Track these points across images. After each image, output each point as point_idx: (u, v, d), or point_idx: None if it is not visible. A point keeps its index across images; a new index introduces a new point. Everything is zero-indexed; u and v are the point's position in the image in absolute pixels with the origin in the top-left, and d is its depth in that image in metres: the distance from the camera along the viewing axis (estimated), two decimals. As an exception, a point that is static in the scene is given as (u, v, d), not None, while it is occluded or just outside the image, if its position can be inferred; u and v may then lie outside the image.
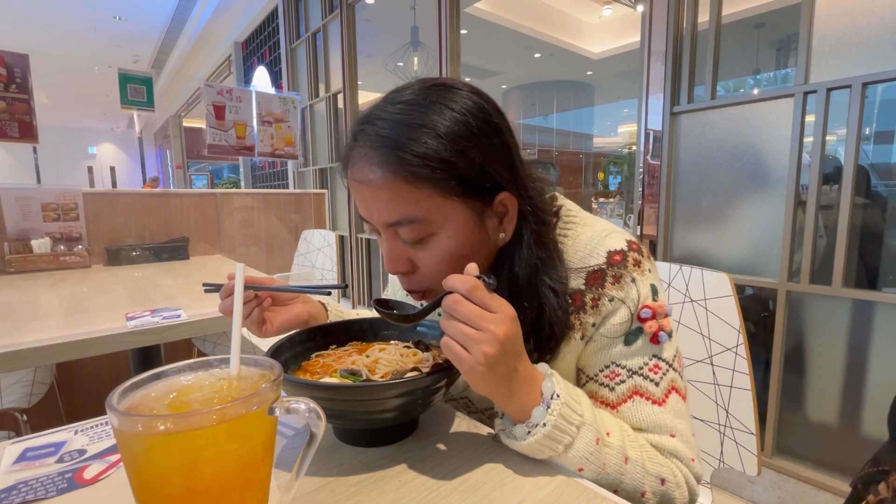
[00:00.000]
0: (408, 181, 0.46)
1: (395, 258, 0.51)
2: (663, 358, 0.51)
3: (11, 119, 1.95)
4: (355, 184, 0.49)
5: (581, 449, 0.43)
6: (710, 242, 1.59)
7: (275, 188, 4.97)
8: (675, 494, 0.47)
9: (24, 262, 1.67)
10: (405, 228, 0.48)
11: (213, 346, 1.78)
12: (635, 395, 0.50)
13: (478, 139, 0.47)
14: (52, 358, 0.84)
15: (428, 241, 0.49)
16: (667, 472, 0.47)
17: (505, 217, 0.51)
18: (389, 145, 0.46)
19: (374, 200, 0.48)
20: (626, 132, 8.19)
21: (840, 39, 1.28)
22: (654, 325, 0.51)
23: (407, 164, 0.45)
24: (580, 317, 0.52)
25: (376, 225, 0.51)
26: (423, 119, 0.46)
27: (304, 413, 0.34)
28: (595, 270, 0.52)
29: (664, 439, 0.49)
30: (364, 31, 3.52)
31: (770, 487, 1.48)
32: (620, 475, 0.45)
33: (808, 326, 1.42)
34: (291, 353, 0.57)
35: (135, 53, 7.24)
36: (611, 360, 0.52)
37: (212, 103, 2.73)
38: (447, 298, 0.42)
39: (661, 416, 0.50)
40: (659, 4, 1.58)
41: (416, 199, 0.46)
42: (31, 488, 0.42)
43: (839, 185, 1.29)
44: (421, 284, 0.53)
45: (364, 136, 0.48)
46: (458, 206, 0.48)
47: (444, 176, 0.46)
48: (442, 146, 0.45)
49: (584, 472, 0.44)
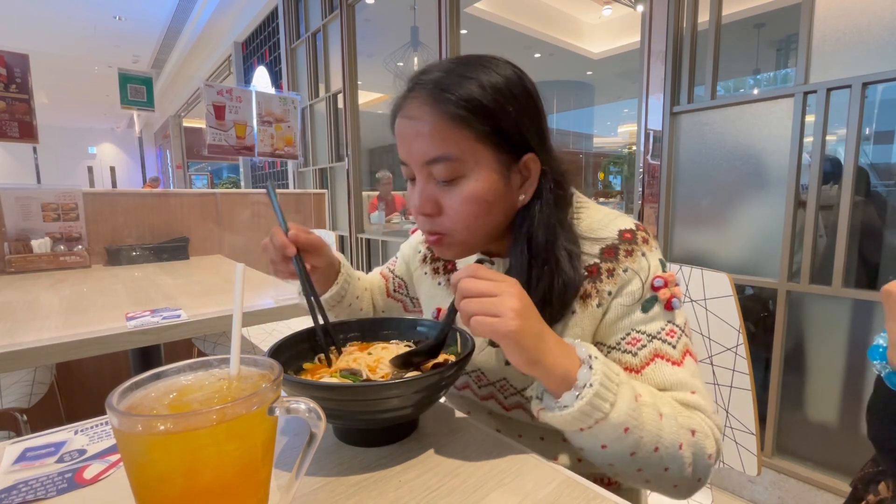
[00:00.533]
0: (450, 120, 0.51)
1: (425, 198, 0.55)
2: (676, 324, 0.54)
3: (11, 119, 1.95)
4: (404, 121, 0.55)
5: (624, 407, 0.44)
6: (710, 242, 1.59)
7: (275, 188, 4.97)
8: (706, 444, 0.48)
9: (24, 262, 1.67)
10: (440, 166, 0.53)
11: (213, 346, 1.78)
12: (656, 357, 0.53)
13: (516, 97, 0.53)
14: (52, 358, 0.84)
15: (458, 182, 0.54)
16: (696, 424, 0.49)
17: (527, 180, 0.56)
18: (438, 87, 0.52)
19: (418, 137, 0.53)
20: (626, 132, 8.19)
21: (840, 39, 1.28)
22: (668, 293, 0.54)
23: (451, 105, 0.51)
24: (597, 285, 0.55)
25: (415, 163, 0.55)
26: (470, 73, 0.52)
27: (304, 413, 0.34)
28: (608, 245, 0.56)
29: (686, 395, 0.51)
30: (364, 31, 3.52)
31: (770, 487, 1.48)
32: (659, 430, 0.46)
33: (808, 326, 1.42)
34: (291, 353, 0.57)
35: (135, 53, 7.24)
36: (631, 328, 0.54)
37: (212, 103, 2.73)
38: (460, 285, 0.45)
39: (680, 374, 0.52)
40: (659, 4, 1.58)
41: (454, 139, 0.52)
42: (31, 488, 0.42)
43: (839, 185, 1.29)
44: (444, 226, 0.56)
45: (418, 83, 0.54)
46: (490, 155, 0.53)
47: (482, 122, 0.51)
48: (483, 94, 0.51)
49: (629, 433, 0.44)
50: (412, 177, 0.57)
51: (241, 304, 0.43)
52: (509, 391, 0.61)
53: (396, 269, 0.81)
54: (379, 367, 0.53)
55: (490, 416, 0.66)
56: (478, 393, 0.65)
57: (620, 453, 0.45)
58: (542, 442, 0.62)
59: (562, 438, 0.61)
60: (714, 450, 0.49)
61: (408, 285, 0.80)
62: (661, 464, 0.46)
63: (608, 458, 0.47)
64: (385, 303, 0.81)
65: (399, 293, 0.80)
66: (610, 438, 0.44)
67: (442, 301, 0.70)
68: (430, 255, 0.74)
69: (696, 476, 0.49)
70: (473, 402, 0.67)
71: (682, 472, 0.47)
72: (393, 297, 0.80)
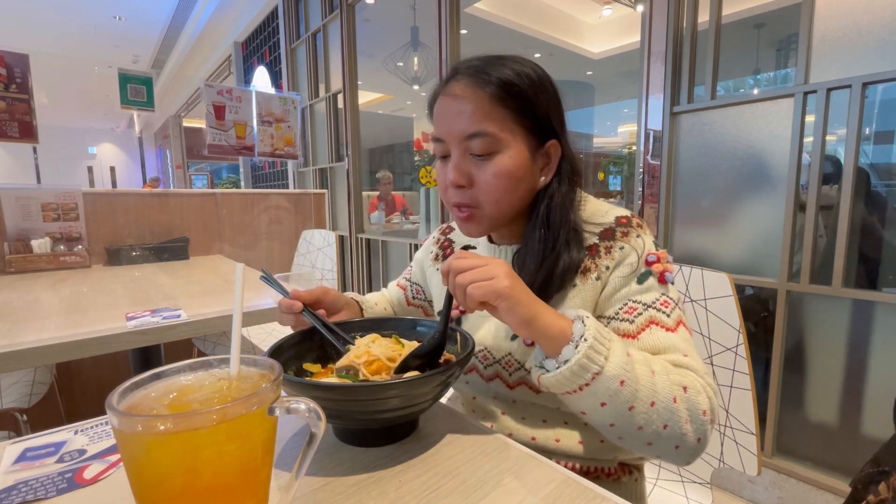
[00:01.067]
0: (491, 100, 0.58)
1: (460, 170, 0.60)
2: (670, 296, 0.58)
3: (11, 119, 1.95)
4: (447, 99, 0.60)
5: (617, 360, 0.47)
6: (710, 242, 1.59)
7: (275, 188, 4.97)
8: (699, 400, 0.50)
9: (24, 262, 1.67)
10: (479, 140, 0.58)
11: (213, 346, 1.78)
12: (651, 324, 0.56)
13: (545, 87, 0.61)
14: (52, 358, 0.84)
15: (492, 157, 0.59)
16: (688, 382, 0.51)
17: (547, 165, 0.63)
18: (481, 71, 0.59)
19: (460, 114, 0.59)
20: (626, 132, 8.19)
21: (840, 39, 1.28)
22: (661, 268, 0.59)
23: (493, 86, 0.58)
24: (595, 261, 0.60)
25: (453, 138, 0.60)
26: (507, 63, 0.60)
27: (304, 413, 0.34)
28: (606, 228, 0.62)
29: (678, 357, 0.54)
30: (364, 31, 3.52)
31: (770, 487, 1.48)
32: (653, 385, 0.48)
33: (808, 326, 1.42)
34: (291, 353, 0.57)
35: (135, 53, 7.24)
36: (627, 298, 0.58)
37: (212, 103, 2.73)
38: (450, 261, 0.51)
39: (674, 339, 0.55)
40: (659, 4, 1.58)
41: (493, 118, 0.58)
42: (31, 488, 0.42)
43: (839, 185, 1.29)
44: (475, 199, 0.61)
45: (461, 69, 0.61)
46: (521, 136, 0.60)
47: (518, 105, 0.58)
48: (520, 80, 0.58)
49: (625, 385, 0.46)
50: (445, 154, 0.62)
51: (241, 304, 0.43)
52: (514, 366, 0.64)
53: (412, 276, 0.85)
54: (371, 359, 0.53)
55: (495, 399, 0.68)
56: (483, 374, 0.67)
57: (619, 409, 0.47)
58: (544, 424, 0.64)
59: (563, 421, 0.63)
60: (708, 406, 0.51)
61: (425, 290, 0.84)
62: (659, 420, 0.48)
63: (609, 417, 0.48)
64: (406, 312, 0.85)
65: (418, 299, 0.84)
66: (608, 393, 0.47)
67: None
68: (441, 254, 0.79)
69: (696, 435, 0.50)
70: (479, 386, 0.69)
71: (680, 429, 0.49)
72: (413, 304, 0.84)
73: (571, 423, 0.63)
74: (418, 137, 3.30)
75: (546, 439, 0.63)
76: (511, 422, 0.66)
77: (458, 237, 0.80)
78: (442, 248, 0.80)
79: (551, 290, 0.59)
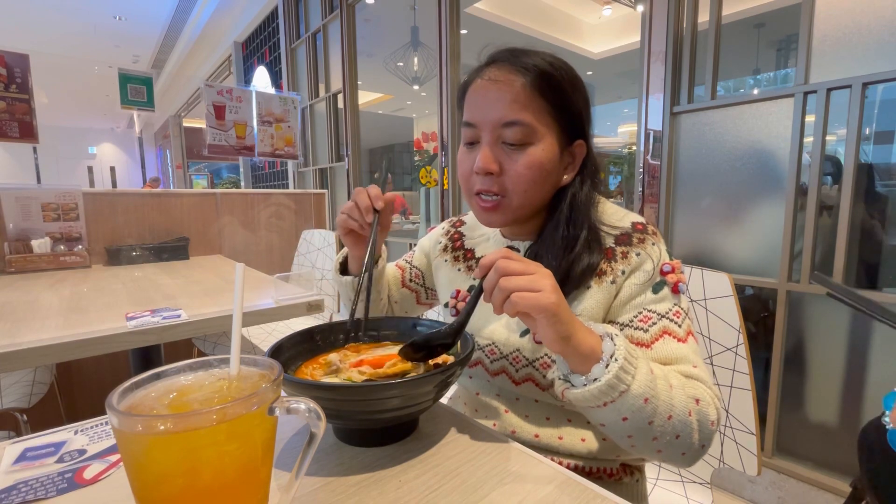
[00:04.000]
0: (531, 88, 0.58)
1: (491, 157, 0.60)
2: (682, 307, 0.59)
3: (11, 119, 1.95)
4: (486, 83, 0.60)
5: (643, 379, 0.47)
6: (710, 242, 1.59)
7: (275, 188, 4.97)
8: (709, 411, 0.51)
9: (24, 262, 1.67)
10: (515, 129, 0.58)
11: (213, 346, 1.78)
12: (665, 334, 0.57)
13: (577, 87, 0.61)
14: (52, 358, 0.84)
15: (525, 148, 0.59)
16: (699, 394, 0.52)
17: (571, 164, 0.64)
18: (522, 62, 0.59)
19: (499, 100, 0.58)
20: (626, 132, 8.18)
21: (840, 39, 1.27)
22: (675, 278, 0.59)
23: (533, 75, 0.58)
24: (611, 265, 0.60)
25: (488, 124, 0.59)
26: (546, 56, 0.60)
27: (304, 413, 0.34)
28: (623, 233, 0.62)
29: (689, 368, 0.55)
30: (364, 31, 3.52)
31: (770, 487, 1.48)
32: (671, 399, 0.49)
33: (808, 326, 1.42)
34: (291, 353, 0.57)
35: (135, 53, 7.24)
36: (643, 307, 0.59)
37: (212, 103, 2.73)
38: (497, 264, 0.48)
39: (684, 350, 0.56)
40: (659, 4, 1.58)
41: (531, 108, 0.58)
42: (31, 488, 0.42)
43: (839, 185, 1.29)
44: (501, 187, 0.60)
45: (499, 56, 0.61)
46: (554, 131, 0.60)
47: (555, 98, 0.59)
48: (558, 73, 0.59)
49: (648, 402, 0.47)
50: (473, 140, 0.62)
51: (241, 304, 0.42)
52: (521, 363, 0.64)
53: (414, 259, 0.85)
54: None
55: (499, 396, 0.68)
56: (489, 368, 0.67)
57: (639, 424, 0.48)
58: (547, 422, 0.64)
59: (567, 419, 0.62)
60: (716, 416, 0.52)
61: (425, 275, 0.84)
62: (673, 431, 0.49)
63: (628, 430, 0.49)
64: (399, 293, 0.85)
65: (414, 283, 0.84)
66: (631, 409, 0.47)
67: (461, 284, 0.74)
68: (450, 246, 0.79)
69: (700, 442, 0.51)
70: (483, 382, 0.69)
71: (690, 438, 0.50)
72: (407, 286, 0.84)
73: (575, 421, 0.63)
74: (418, 137, 3.30)
75: (549, 437, 0.63)
76: (514, 419, 0.65)
77: (468, 231, 0.80)
78: (452, 241, 0.80)
79: (568, 289, 0.59)
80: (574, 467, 0.62)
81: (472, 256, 0.75)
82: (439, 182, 2.59)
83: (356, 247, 0.70)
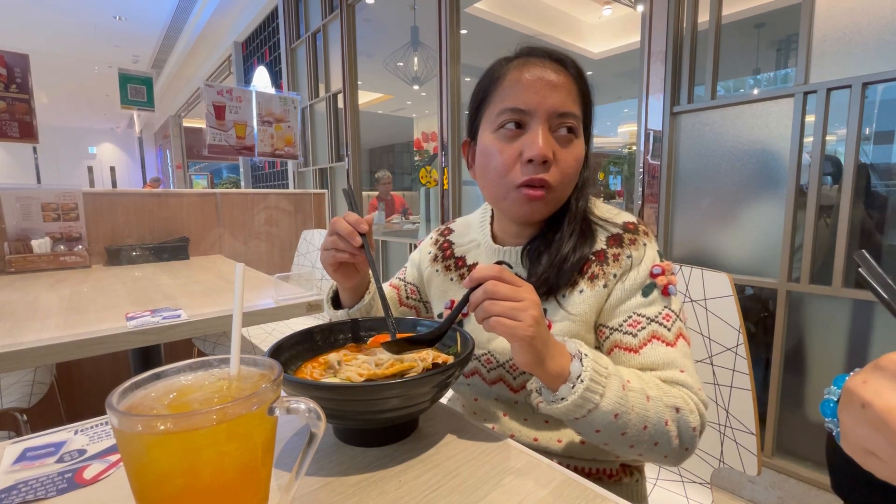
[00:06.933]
0: (576, 85, 0.60)
1: (549, 145, 0.58)
2: (672, 308, 0.59)
3: (11, 119, 1.95)
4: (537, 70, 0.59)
5: (612, 396, 0.48)
6: (710, 242, 1.59)
7: (275, 188, 4.97)
8: (690, 419, 0.52)
9: (24, 262, 1.67)
10: (567, 120, 0.59)
11: (213, 346, 1.78)
12: (653, 339, 0.57)
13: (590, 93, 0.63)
14: (52, 358, 0.84)
15: (572, 141, 0.60)
16: (680, 402, 0.52)
17: None
18: (562, 61, 0.61)
19: (557, 89, 0.58)
20: (626, 132, 8.18)
21: (840, 39, 1.27)
22: (665, 280, 0.59)
23: (575, 75, 0.61)
24: (603, 268, 0.61)
25: (545, 111, 0.58)
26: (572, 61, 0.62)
27: (304, 413, 0.34)
28: (614, 234, 0.62)
29: (675, 374, 0.55)
30: (364, 31, 3.52)
31: (770, 487, 1.48)
32: (646, 412, 0.50)
33: (808, 326, 1.42)
34: (291, 353, 0.57)
35: (135, 53, 7.24)
36: (632, 311, 0.59)
37: (212, 103, 2.73)
38: (486, 285, 0.48)
39: (673, 354, 0.56)
40: (659, 4, 1.58)
41: (578, 103, 0.61)
42: (31, 488, 0.42)
43: (839, 185, 1.29)
44: (554, 178, 0.59)
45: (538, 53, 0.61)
46: (582, 132, 0.62)
47: (585, 102, 0.62)
48: (586, 82, 0.62)
49: (619, 418, 0.49)
50: (520, 122, 0.59)
51: (241, 304, 0.42)
52: (519, 371, 0.64)
53: (407, 276, 0.83)
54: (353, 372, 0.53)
55: (497, 401, 0.68)
56: (486, 377, 0.67)
57: (613, 435, 0.50)
58: (546, 425, 0.64)
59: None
60: (698, 423, 0.53)
61: (420, 290, 0.82)
62: (650, 440, 0.51)
63: (603, 439, 0.51)
64: (398, 313, 0.83)
65: (412, 299, 0.83)
66: (602, 424, 0.49)
67: (455, 294, 0.73)
68: (440, 255, 0.78)
69: (683, 446, 0.53)
70: (481, 389, 0.69)
71: (670, 445, 0.52)
72: (406, 304, 0.83)
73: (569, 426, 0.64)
74: (418, 137, 3.30)
75: (548, 440, 0.63)
76: (513, 423, 0.65)
77: (457, 238, 0.77)
78: (441, 250, 0.78)
79: (562, 281, 0.60)
80: (574, 468, 0.62)
81: (464, 264, 0.74)
82: (439, 182, 2.60)
83: (348, 279, 0.66)
